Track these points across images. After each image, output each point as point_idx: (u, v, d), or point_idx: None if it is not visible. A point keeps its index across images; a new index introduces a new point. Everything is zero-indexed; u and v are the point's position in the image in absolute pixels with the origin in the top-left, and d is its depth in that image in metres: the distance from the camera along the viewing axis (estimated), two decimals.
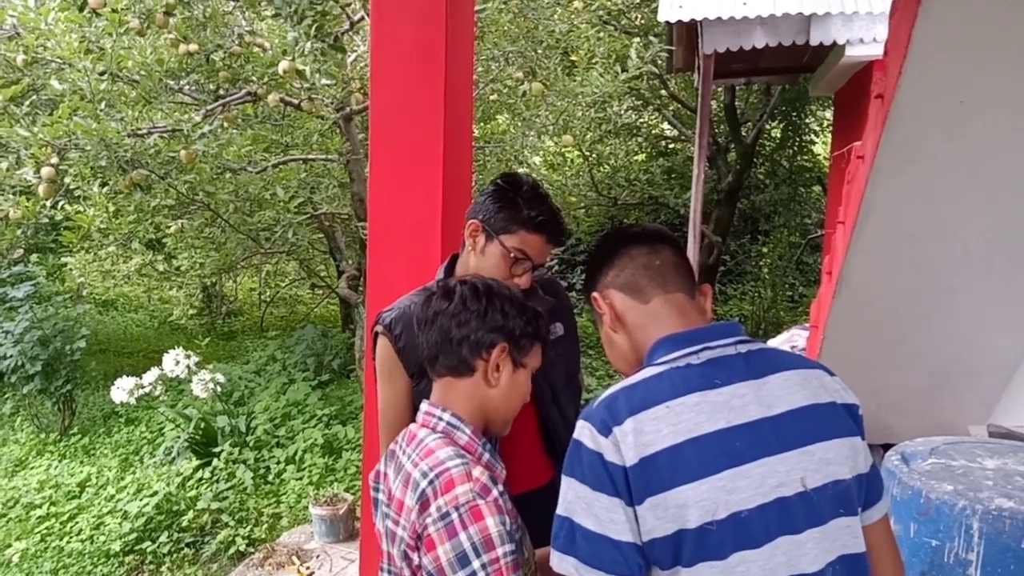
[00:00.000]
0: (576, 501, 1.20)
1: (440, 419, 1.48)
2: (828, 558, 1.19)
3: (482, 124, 6.88)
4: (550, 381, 1.99)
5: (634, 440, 1.17)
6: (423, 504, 1.33)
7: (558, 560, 1.21)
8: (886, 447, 2.67)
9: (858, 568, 1.23)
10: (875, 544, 1.31)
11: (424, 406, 1.53)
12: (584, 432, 1.22)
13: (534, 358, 1.58)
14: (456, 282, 1.56)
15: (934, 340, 3.47)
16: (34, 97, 5.17)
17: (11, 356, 6.65)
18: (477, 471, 1.36)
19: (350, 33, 5.35)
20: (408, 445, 1.49)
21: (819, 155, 11.46)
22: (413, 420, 1.57)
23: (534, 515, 1.55)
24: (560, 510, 1.23)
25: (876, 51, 5.09)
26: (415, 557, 1.35)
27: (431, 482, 1.34)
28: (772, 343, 5.13)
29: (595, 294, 1.43)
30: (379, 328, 1.94)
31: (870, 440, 4.14)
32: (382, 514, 1.53)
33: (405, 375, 1.90)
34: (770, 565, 1.16)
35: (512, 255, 1.85)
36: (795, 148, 11.11)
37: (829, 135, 9.49)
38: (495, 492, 1.36)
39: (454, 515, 1.30)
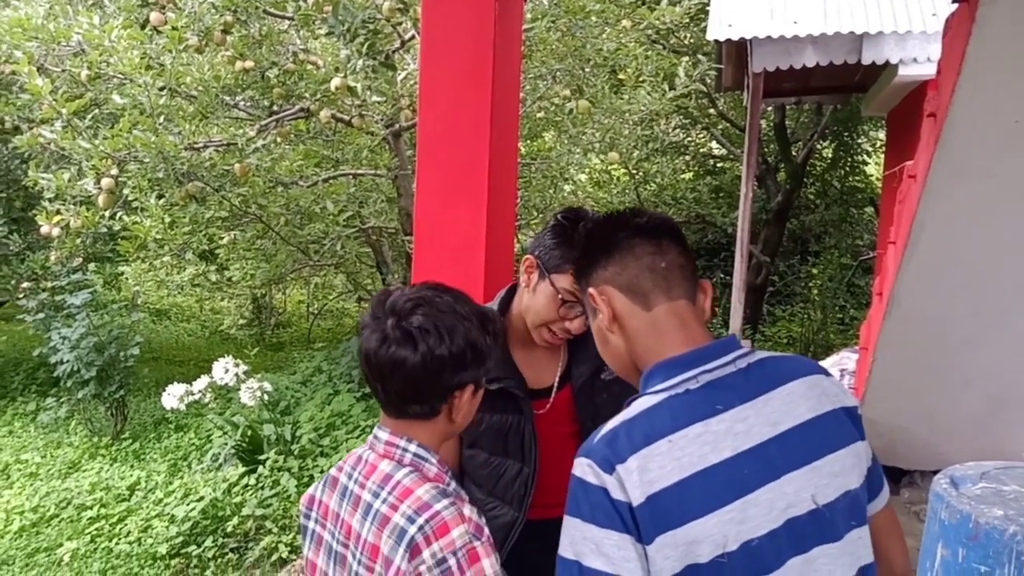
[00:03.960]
0: (583, 542, 1.12)
1: (406, 451, 1.39)
2: (849, 572, 1.16)
3: (528, 141, 6.91)
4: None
5: (639, 478, 1.11)
6: (413, 551, 1.26)
7: None
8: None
9: None
10: (880, 527, 1.27)
11: (382, 433, 1.42)
12: (586, 470, 1.14)
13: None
14: (410, 323, 1.37)
15: (988, 365, 3.37)
16: (96, 111, 5.36)
17: (68, 361, 6.85)
18: (467, 510, 1.31)
19: (400, 51, 5.45)
20: (366, 478, 1.40)
21: (871, 176, 11.26)
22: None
23: None
24: (566, 553, 1.14)
25: (930, 71, 4.99)
26: None
27: (421, 528, 1.26)
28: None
29: (592, 290, 1.29)
30: None
31: (922, 466, 4.00)
32: (334, 553, 1.42)
33: None
34: None
35: (560, 296, 1.70)
36: (847, 168, 10.93)
37: (882, 155, 9.33)
38: (487, 530, 1.32)
39: (451, 560, 1.25)
